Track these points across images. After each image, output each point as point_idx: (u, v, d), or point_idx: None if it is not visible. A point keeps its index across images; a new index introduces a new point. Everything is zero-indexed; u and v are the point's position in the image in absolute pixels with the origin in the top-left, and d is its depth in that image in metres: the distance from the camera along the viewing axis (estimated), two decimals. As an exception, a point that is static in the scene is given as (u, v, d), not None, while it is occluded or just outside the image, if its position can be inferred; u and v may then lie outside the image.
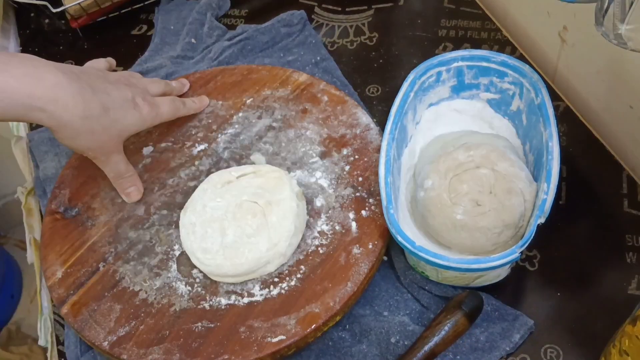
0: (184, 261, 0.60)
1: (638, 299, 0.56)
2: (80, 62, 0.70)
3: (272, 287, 0.57)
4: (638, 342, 0.43)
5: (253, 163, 0.66)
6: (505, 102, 0.64)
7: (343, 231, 0.59)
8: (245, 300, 0.56)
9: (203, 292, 0.58)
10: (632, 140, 0.65)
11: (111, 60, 0.70)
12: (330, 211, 0.61)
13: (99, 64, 0.67)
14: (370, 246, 0.58)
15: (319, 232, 0.60)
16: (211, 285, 0.58)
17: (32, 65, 0.54)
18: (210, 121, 0.70)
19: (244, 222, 0.58)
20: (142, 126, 0.63)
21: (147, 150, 0.69)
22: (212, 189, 0.61)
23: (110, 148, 0.61)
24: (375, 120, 0.68)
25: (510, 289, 0.58)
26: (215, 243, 0.58)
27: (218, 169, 0.66)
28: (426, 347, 0.51)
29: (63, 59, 0.84)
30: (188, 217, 0.60)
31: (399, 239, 0.53)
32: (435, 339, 0.51)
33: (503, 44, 0.77)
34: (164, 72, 0.78)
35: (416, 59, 0.77)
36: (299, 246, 0.59)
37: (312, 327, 0.53)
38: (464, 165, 0.57)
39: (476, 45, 0.77)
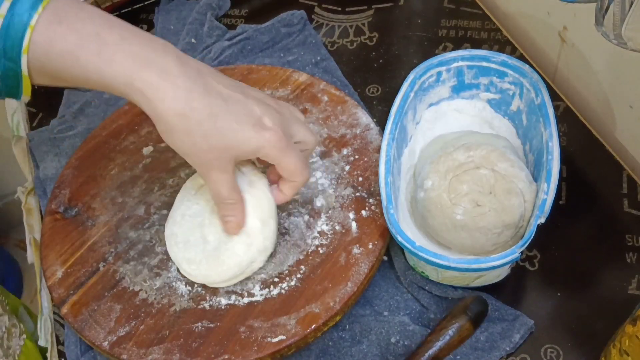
0: (184, 261, 0.60)
1: (638, 299, 0.56)
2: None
3: (272, 287, 0.57)
4: (638, 342, 0.43)
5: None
6: (505, 102, 0.64)
7: (343, 231, 0.59)
8: (245, 300, 0.56)
9: (203, 292, 0.58)
10: (632, 140, 0.65)
11: None
12: (330, 211, 0.61)
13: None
14: (370, 246, 0.58)
15: (319, 232, 0.60)
16: (211, 285, 0.58)
17: (151, 47, 0.49)
18: (210, 121, 0.70)
19: (220, 227, 0.57)
20: (258, 151, 0.51)
21: (147, 150, 0.69)
22: (187, 196, 0.60)
23: (210, 163, 0.51)
24: (375, 120, 0.68)
25: (510, 289, 0.58)
26: (198, 252, 0.56)
27: (218, 169, 0.66)
28: (430, 352, 0.50)
29: (63, 59, 0.84)
30: (170, 229, 0.59)
31: (399, 239, 0.53)
32: (440, 344, 0.50)
33: (503, 44, 0.77)
34: (164, 72, 0.78)
35: (416, 59, 0.77)
36: (299, 246, 0.59)
37: (312, 327, 0.53)
38: (463, 165, 0.57)
39: (476, 45, 0.77)
